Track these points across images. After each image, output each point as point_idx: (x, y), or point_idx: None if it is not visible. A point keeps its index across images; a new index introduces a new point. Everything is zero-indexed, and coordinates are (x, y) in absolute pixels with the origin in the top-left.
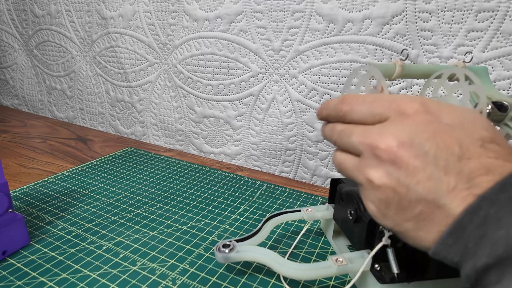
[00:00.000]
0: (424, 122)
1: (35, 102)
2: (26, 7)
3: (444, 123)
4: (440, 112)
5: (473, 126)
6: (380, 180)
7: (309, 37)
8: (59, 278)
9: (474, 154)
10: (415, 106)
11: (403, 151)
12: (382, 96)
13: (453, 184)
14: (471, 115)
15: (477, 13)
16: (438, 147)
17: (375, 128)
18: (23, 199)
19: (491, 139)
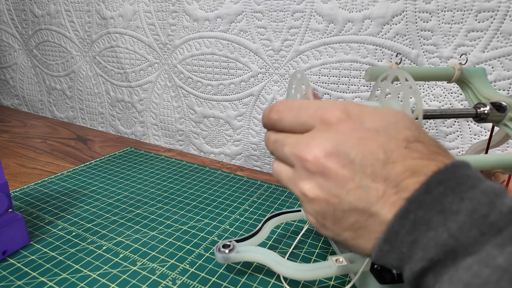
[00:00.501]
0: (347, 129)
1: (35, 102)
2: (26, 7)
3: (367, 127)
4: (362, 117)
5: (396, 127)
6: (313, 192)
7: (309, 37)
8: (59, 278)
9: (399, 157)
10: (337, 113)
11: (330, 162)
12: (308, 104)
13: (382, 190)
14: (393, 116)
15: (477, 13)
16: (363, 154)
17: (304, 138)
18: (23, 199)
19: (415, 138)
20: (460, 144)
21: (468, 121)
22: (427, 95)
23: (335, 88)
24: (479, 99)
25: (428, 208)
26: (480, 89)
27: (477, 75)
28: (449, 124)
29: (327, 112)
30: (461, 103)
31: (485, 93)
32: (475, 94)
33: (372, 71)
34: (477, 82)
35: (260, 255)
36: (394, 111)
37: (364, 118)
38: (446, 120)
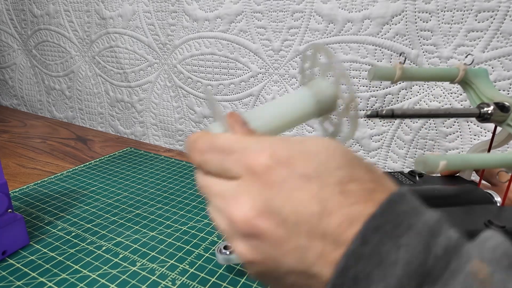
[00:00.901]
0: (277, 180)
1: (34, 102)
2: (25, 7)
3: (298, 174)
4: (292, 161)
5: (328, 169)
6: (248, 255)
7: (308, 37)
8: (58, 279)
9: (335, 206)
10: (263, 161)
11: (262, 222)
12: (231, 146)
13: (320, 249)
14: (324, 154)
15: (477, 13)
16: (296, 210)
17: (231, 191)
18: (23, 199)
19: (349, 177)
20: (460, 145)
21: (468, 122)
22: (427, 96)
23: None
24: (481, 99)
25: (367, 261)
26: (483, 89)
27: (480, 76)
28: (449, 124)
29: (254, 160)
30: (461, 103)
31: (488, 94)
32: (477, 95)
33: (375, 71)
34: (480, 82)
35: None
36: (324, 144)
37: (293, 162)
38: (446, 121)
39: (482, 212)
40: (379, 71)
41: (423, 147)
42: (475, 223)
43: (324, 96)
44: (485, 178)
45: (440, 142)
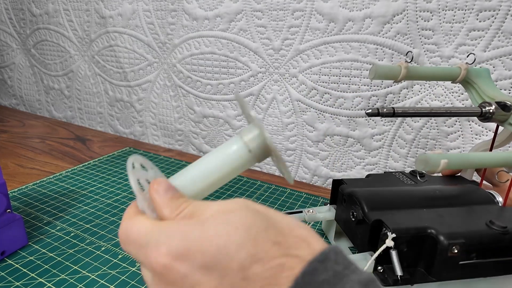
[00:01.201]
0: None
1: (33, 102)
2: (24, 6)
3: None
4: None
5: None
6: None
7: (309, 36)
8: (57, 279)
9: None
10: (161, 260)
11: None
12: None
13: None
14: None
15: (478, 12)
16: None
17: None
18: (22, 199)
19: (252, 259)
20: (461, 144)
21: (470, 121)
22: (428, 95)
23: (335, 87)
24: (483, 99)
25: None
26: (484, 89)
27: (482, 76)
28: (450, 123)
29: (152, 259)
30: (462, 102)
31: (489, 93)
32: (479, 94)
33: (376, 69)
34: (482, 82)
35: None
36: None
37: (190, 254)
38: (448, 120)
39: (484, 213)
40: (381, 69)
41: (425, 146)
42: (476, 223)
43: (255, 145)
44: (486, 179)
45: (441, 141)
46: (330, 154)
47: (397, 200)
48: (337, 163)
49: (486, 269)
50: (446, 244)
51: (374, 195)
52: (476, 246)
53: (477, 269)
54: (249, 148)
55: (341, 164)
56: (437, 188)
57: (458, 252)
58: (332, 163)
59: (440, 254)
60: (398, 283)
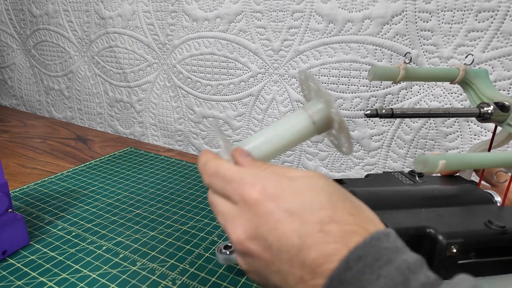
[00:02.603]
0: (265, 212)
1: (33, 102)
2: (24, 7)
3: (283, 209)
4: (280, 197)
5: (311, 209)
6: (243, 267)
7: (308, 37)
8: (59, 278)
9: (314, 242)
10: (254, 194)
11: (252, 245)
12: (230, 176)
13: (299, 276)
14: (310, 194)
15: (477, 13)
16: (279, 240)
17: (230, 214)
18: (23, 199)
19: (330, 219)
20: (460, 144)
21: (468, 122)
22: (427, 95)
23: (334, 88)
24: (481, 99)
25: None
26: (483, 90)
27: (480, 76)
28: (449, 124)
29: (245, 192)
30: (461, 103)
31: (488, 94)
32: (477, 95)
33: (375, 70)
34: (480, 83)
35: None
36: (312, 183)
37: (281, 198)
38: (446, 120)
39: (482, 212)
40: (380, 70)
41: (423, 147)
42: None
43: (319, 118)
44: (485, 179)
45: (440, 142)
46: (329, 154)
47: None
48: (336, 163)
49: (485, 269)
50: (445, 244)
51: (373, 195)
52: (475, 245)
53: (476, 268)
54: (313, 120)
55: (340, 164)
56: (436, 188)
57: (457, 252)
58: (332, 163)
59: (439, 253)
60: None
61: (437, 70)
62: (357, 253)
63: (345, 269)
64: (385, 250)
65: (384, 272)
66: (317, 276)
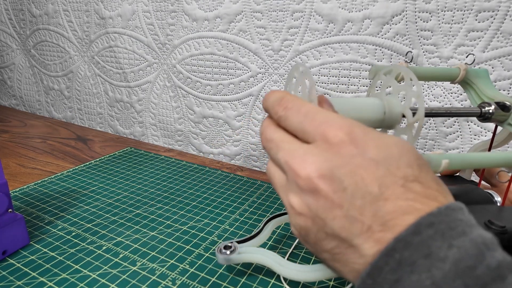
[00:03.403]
0: (347, 155)
1: (33, 102)
2: (24, 7)
3: (368, 157)
4: (366, 144)
5: (397, 163)
6: (300, 208)
7: (308, 37)
8: (59, 278)
9: (393, 195)
10: (340, 135)
11: (323, 184)
12: (314, 113)
13: (368, 225)
14: (397, 149)
15: (477, 12)
16: (356, 184)
17: (301, 150)
18: (23, 199)
19: (415, 178)
20: (460, 145)
21: (468, 122)
22: (427, 95)
23: (334, 88)
24: (482, 99)
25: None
26: (483, 89)
27: (481, 76)
28: (449, 124)
29: (331, 131)
30: (461, 103)
31: (488, 94)
32: (478, 95)
33: (376, 70)
34: (481, 83)
35: (262, 256)
36: (401, 142)
37: (367, 145)
38: (446, 120)
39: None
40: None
41: (423, 147)
42: None
43: (391, 111)
44: (484, 179)
45: (440, 142)
46: None
47: None
48: None
49: None
50: None
51: None
52: None
53: None
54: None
55: None
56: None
57: None
58: None
59: None
60: None
61: (438, 70)
62: (429, 219)
63: (413, 233)
64: (460, 222)
65: (458, 243)
66: (386, 229)
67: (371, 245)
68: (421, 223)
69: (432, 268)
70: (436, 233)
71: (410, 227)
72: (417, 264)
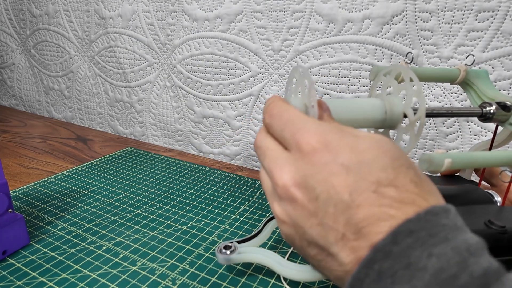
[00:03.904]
0: (319, 162)
1: (33, 102)
2: (24, 7)
3: (339, 162)
4: (340, 150)
5: (370, 167)
6: (282, 216)
7: (308, 37)
8: (59, 278)
9: (366, 201)
10: (312, 142)
11: (298, 193)
12: (293, 121)
13: (341, 233)
14: (372, 153)
15: (477, 13)
16: (328, 192)
17: (280, 159)
18: (23, 199)
19: (389, 182)
20: (460, 145)
21: (468, 122)
22: (427, 96)
23: (334, 88)
24: (482, 99)
25: (395, 260)
26: (484, 90)
27: (481, 77)
28: (449, 124)
29: (304, 139)
30: (461, 103)
31: (489, 94)
32: (478, 95)
33: (377, 70)
34: (481, 83)
35: (262, 256)
36: (377, 144)
37: (340, 151)
38: (446, 120)
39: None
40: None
41: (423, 147)
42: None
43: (392, 111)
44: (485, 179)
45: (440, 142)
46: None
47: None
48: None
49: None
50: None
51: None
52: None
53: None
54: (386, 110)
55: None
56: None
57: None
58: None
59: None
60: None
61: (438, 71)
62: (408, 226)
63: (392, 242)
64: (442, 227)
65: (438, 251)
66: (361, 237)
67: (347, 253)
68: (399, 232)
69: (413, 279)
70: (415, 241)
71: (388, 236)
72: (398, 275)
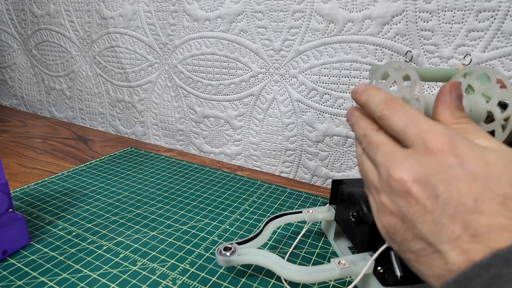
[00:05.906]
0: (445, 164)
1: (34, 102)
2: (25, 7)
3: (467, 170)
4: (467, 157)
5: (498, 180)
6: (390, 207)
7: (309, 37)
8: (59, 278)
9: (489, 210)
10: (441, 144)
11: (416, 188)
12: (420, 120)
13: (457, 234)
14: (500, 167)
15: (477, 13)
16: (450, 193)
17: (399, 154)
18: (24, 199)
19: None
20: None
21: None
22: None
23: (335, 88)
24: None
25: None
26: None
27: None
28: None
29: (433, 139)
30: None
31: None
32: None
33: (376, 69)
34: None
35: (262, 258)
36: (505, 160)
37: (467, 158)
38: None
39: None
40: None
41: None
42: None
43: (475, 110)
44: None
45: None
46: (329, 154)
47: None
48: (336, 163)
49: None
50: None
51: None
52: None
53: None
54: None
55: (341, 164)
56: None
57: None
58: (332, 163)
59: None
60: (398, 283)
61: (438, 71)
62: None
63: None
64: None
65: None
66: (477, 242)
67: (458, 254)
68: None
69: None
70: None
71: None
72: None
